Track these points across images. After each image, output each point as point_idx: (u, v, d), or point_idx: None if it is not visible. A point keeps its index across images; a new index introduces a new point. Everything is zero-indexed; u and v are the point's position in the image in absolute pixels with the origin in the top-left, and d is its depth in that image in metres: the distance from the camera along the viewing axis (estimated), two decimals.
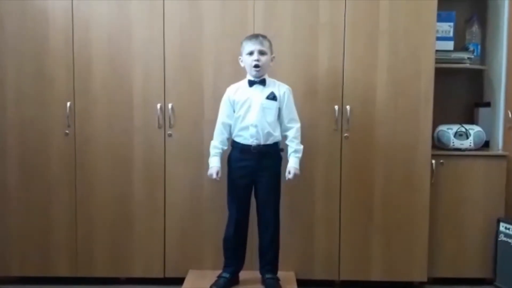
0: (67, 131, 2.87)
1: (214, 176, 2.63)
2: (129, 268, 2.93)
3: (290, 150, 2.64)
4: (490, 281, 2.99)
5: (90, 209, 2.91)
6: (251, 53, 2.58)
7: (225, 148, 2.68)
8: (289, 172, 2.60)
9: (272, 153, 2.64)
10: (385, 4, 2.82)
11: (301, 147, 2.65)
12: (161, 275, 2.92)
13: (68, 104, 2.86)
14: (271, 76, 2.69)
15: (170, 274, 2.91)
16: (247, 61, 2.60)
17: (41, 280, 2.94)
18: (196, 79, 2.86)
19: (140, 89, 2.86)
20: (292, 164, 2.62)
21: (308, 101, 2.86)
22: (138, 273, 2.93)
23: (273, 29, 2.82)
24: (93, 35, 2.84)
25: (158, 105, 2.86)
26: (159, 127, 2.87)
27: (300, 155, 2.64)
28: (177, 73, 2.86)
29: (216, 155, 2.65)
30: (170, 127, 2.87)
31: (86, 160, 2.89)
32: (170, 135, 2.88)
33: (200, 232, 2.91)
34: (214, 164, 2.64)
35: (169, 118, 2.87)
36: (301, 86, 2.84)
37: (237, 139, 2.64)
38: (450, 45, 3.09)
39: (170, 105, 2.86)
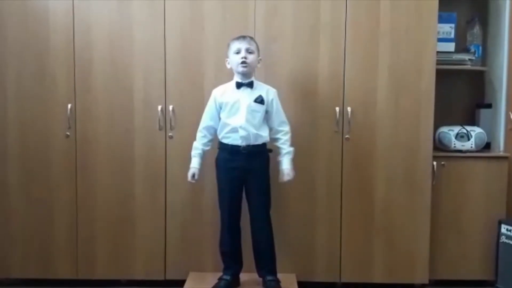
0: (68, 133, 2.87)
1: (189, 178, 2.64)
2: (130, 270, 2.92)
3: (283, 152, 2.65)
4: (491, 283, 2.98)
5: (91, 211, 2.90)
6: (238, 52, 2.57)
7: (206, 149, 2.68)
8: (288, 175, 2.62)
9: (261, 153, 2.64)
10: (386, 5, 2.82)
11: (292, 149, 2.67)
12: (162, 277, 2.92)
13: (69, 105, 2.86)
14: (271, 76, 2.69)
15: (171, 276, 2.91)
16: (234, 60, 2.58)
17: (41, 282, 2.94)
18: (197, 80, 2.85)
19: (141, 91, 2.86)
20: (287, 166, 2.63)
21: (308, 102, 2.85)
22: (139, 275, 2.93)
23: (274, 29, 2.82)
24: (94, 36, 2.84)
25: (159, 107, 2.85)
26: (160, 129, 2.87)
27: (292, 156, 2.66)
28: (178, 75, 2.85)
29: (195, 156, 2.66)
30: (171, 129, 2.87)
31: (87, 162, 2.88)
32: (171, 137, 2.87)
33: (201, 234, 2.90)
34: (193, 165, 2.65)
35: (170, 120, 2.86)
36: (301, 87, 2.84)
37: (225, 141, 2.63)
38: (451, 46, 3.08)
39: (171, 107, 2.86)
